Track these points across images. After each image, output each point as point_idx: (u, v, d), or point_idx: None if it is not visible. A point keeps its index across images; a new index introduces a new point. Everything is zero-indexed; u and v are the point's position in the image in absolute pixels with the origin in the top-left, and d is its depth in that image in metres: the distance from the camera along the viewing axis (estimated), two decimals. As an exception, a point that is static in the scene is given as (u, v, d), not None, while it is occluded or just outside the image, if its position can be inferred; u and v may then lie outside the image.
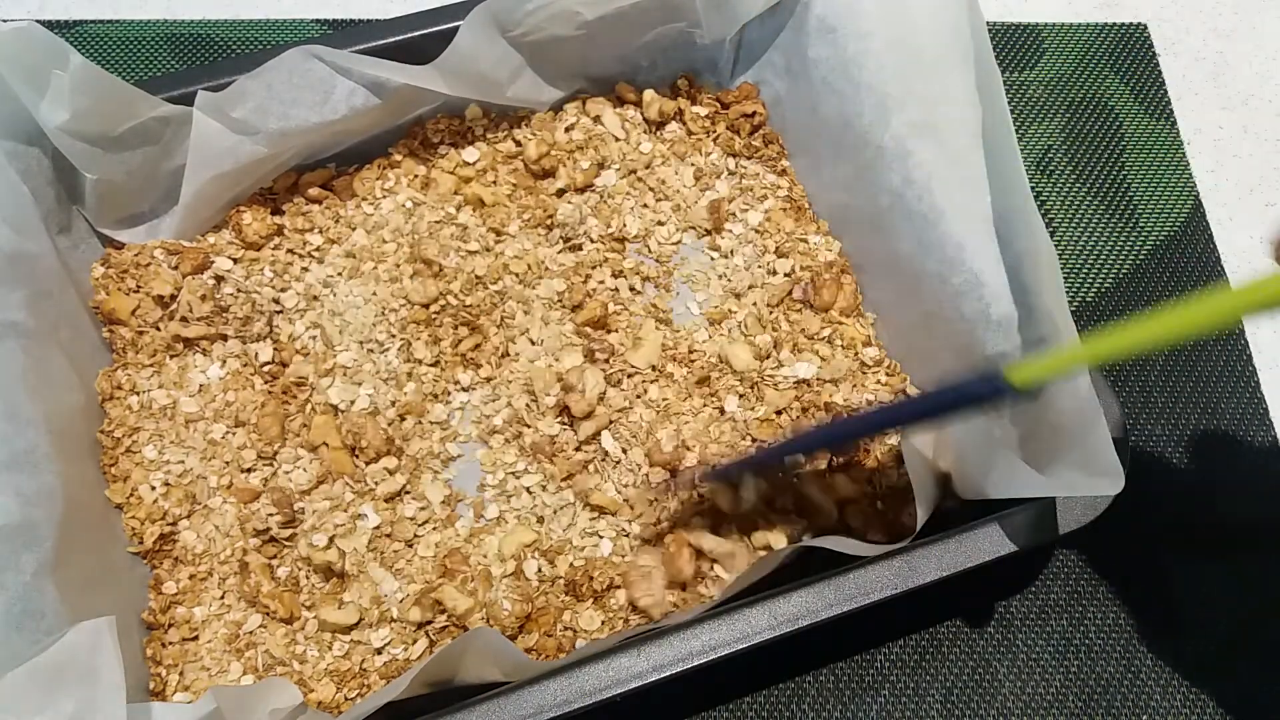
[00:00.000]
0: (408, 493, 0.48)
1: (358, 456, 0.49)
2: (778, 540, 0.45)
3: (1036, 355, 0.40)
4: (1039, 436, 0.42)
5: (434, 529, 0.47)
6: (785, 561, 0.42)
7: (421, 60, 0.52)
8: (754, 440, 0.49)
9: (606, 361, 0.51)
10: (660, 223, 0.55)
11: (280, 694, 0.41)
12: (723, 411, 0.50)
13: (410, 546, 0.47)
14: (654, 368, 0.51)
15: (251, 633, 0.45)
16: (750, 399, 0.50)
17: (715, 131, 0.58)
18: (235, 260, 0.53)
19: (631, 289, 0.54)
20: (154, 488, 0.48)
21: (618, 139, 0.58)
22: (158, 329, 0.51)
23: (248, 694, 0.39)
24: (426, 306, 0.52)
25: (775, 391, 0.50)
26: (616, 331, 0.52)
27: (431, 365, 0.51)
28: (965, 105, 0.45)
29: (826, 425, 0.47)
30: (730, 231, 0.55)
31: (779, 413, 0.50)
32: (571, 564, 0.46)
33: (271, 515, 0.47)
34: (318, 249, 0.54)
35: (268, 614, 0.45)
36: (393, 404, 0.50)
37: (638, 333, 0.52)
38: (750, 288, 0.53)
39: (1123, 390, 0.55)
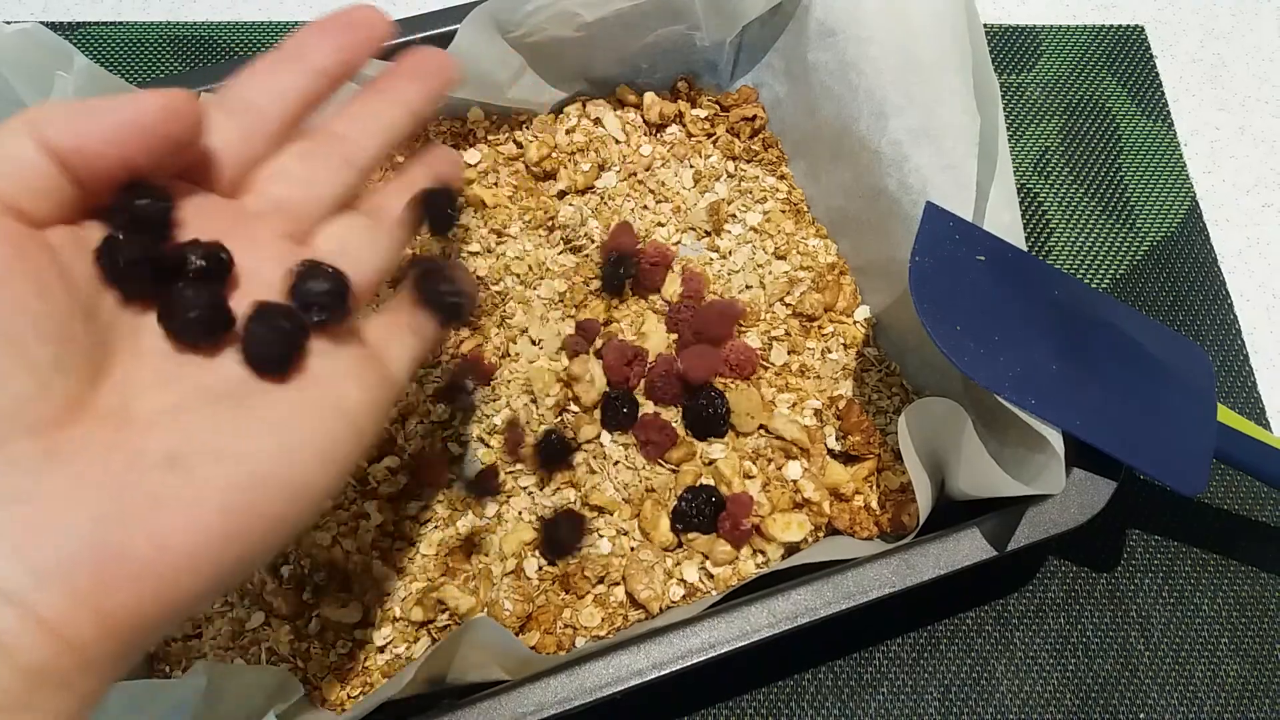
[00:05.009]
0: (410, 492, 0.49)
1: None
2: (784, 533, 0.46)
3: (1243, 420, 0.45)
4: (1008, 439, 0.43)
5: (435, 528, 0.48)
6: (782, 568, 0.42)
7: (423, 62, 0.52)
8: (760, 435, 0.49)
9: (607, 362, 0.51)
10: (660, 224, 0.56)
11: (281, 684, 0.41)
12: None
13: (413, 545, 0.47)
14: (654, 368, 0.51)
15: (255, 630, 0.45)
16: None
17: (715, 134, 0.58)
18: (238, 261, 0.53)
19: (632, 290, 0.54)
20: (157, 487, 0.48)
21: (618, 141, 0.58)
22: (161, 329, 0.52)
23: (238, 672, 0.40)
24: (428, 307, 0.53)
25: (773, 389, 0.50)
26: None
27: (433, 366, 0.52)
28: (961, 112, 0.45)
29: None
30: (730, 232, 0.56)
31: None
32: (570, 561, 0.46)
33: (274, 514, 0.47)
34: (320, 250, 0.54)
35: (271, 612, 0.46)
36: (394, 404, 0.50)
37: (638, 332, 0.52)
38: (749, 288, 0.54)
39: (1120, 390, 0.55)
